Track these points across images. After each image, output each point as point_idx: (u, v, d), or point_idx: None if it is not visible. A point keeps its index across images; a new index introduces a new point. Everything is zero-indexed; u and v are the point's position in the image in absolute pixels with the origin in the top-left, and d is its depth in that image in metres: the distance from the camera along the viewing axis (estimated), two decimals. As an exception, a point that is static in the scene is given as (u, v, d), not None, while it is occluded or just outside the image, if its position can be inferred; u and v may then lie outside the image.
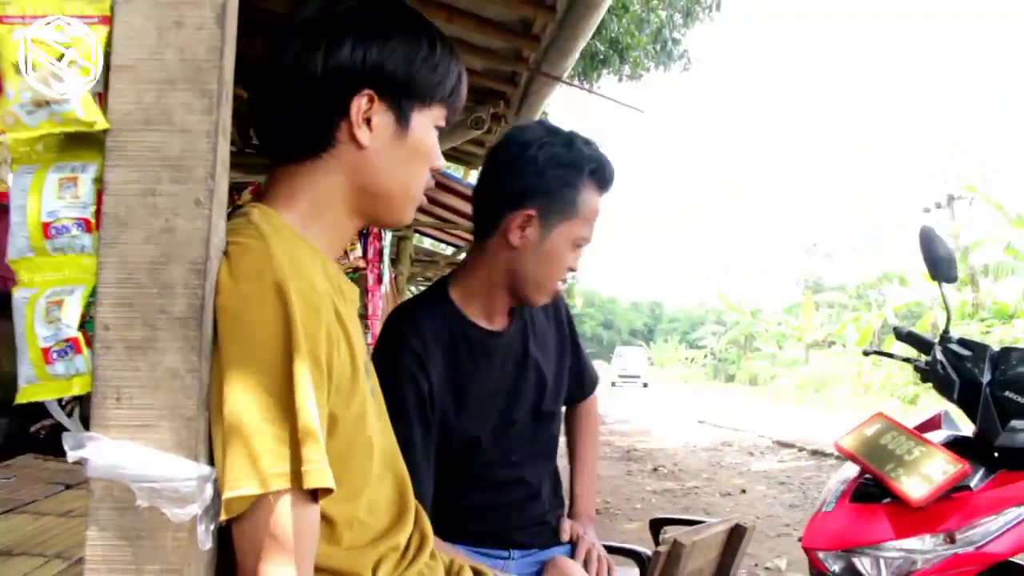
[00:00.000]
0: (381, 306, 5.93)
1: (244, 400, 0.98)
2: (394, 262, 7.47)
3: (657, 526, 2.51)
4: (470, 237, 11.16)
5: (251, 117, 1.25)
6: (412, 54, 1.21)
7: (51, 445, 4.64)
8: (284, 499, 0.98)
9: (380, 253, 5.79)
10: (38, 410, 1.01)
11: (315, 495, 1.01)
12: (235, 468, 0.96)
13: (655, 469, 9.61)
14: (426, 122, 1.26)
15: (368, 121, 1.19)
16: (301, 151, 1.20)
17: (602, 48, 11.99)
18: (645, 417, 18.29)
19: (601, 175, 1.86)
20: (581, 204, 1.82)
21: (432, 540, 1.35)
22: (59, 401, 1.03)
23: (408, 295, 9.79)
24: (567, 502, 2.16)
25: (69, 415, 1.04)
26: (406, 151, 1.23)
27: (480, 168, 1.96)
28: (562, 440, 2.21)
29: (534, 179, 1.78)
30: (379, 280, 5.84)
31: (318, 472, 0.99)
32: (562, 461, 2.10)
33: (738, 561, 2.51)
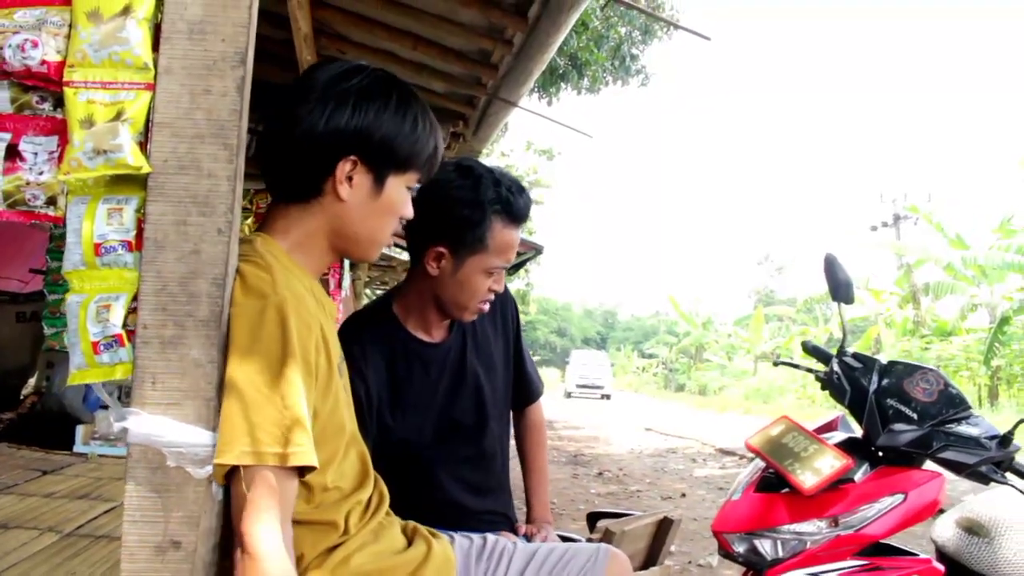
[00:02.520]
0: (342, 308, 6.21)
1: (249, 391, 1.26)
2: (353, 267, 7.70)
3: (593, 519, 2.74)
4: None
5: (260, 157, 1.51)
6: (396, 130, 1.48)
7: (16, 435, 4.82)
8: (276, 472, 1.25)
9: (341, 259, 6.04)
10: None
11: (299, 471, 1.29)
12: (234, 442, 1.24)
13: (600, 473, 9.88)
14: (399, 184, 1.53)
15: (350, 179, 1.46)
16: (295, 196, 1.49)
17: (561, 63, 12.21)
18: (594, 424, 18.57)
19: (508, 211, 2.02)
20: (489, 239, 2.00)
21: (388, 500, 1.64)
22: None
23: (365, 299, 9.99)
24: (525, 509, 2.36)
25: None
26: (378, 207, 1.51)
27: None
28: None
29: (442, 220, 1.97)
30: (339, 285, 6.10)
31: (304, 453, 1.27)
32: (515, 462, 2.35)
33: (665, 551, 2.77)
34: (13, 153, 1.31)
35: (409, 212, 1.59)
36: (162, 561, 1.24)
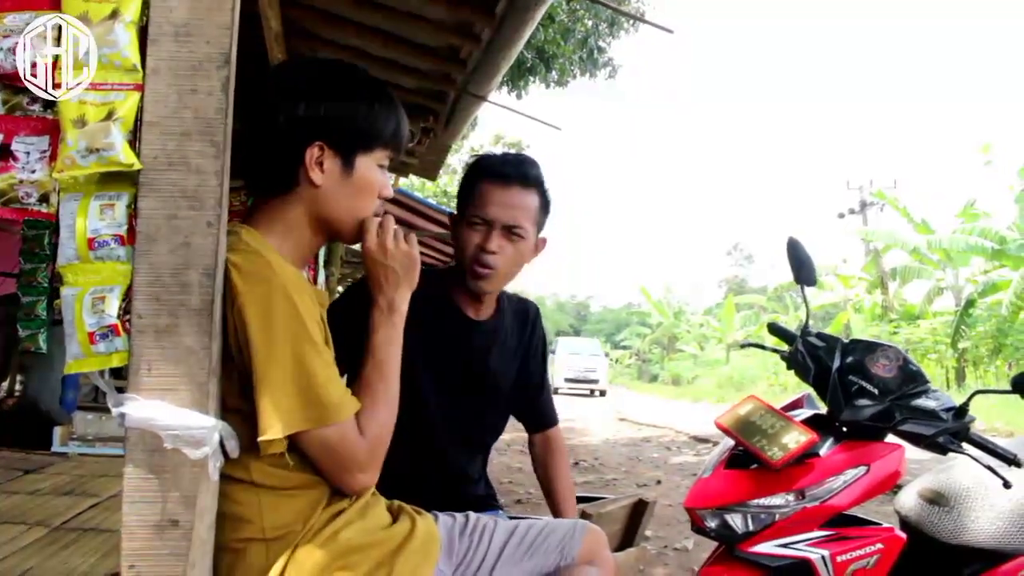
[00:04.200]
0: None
1: (280, 369, 1.37)
2: (327, 263, 7.72)
3: (571, 503, 2.82)
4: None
5: (237, 158, 1.59)
6: (353, 111, 1.57)
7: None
8: (325, 431, 1.41)
9: (316, 256, 6.08)
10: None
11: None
12: (278, 415, 1.35)
13: (576, 463, 9.89)
14: (369, 163, 1.61)
15: (320, 164, 1.55)
16: (274, 190, 1.57)
17: (529, 57, 12.22)
18: (570, 415, 18.61)
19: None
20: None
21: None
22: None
23: (338, 295, 9.98)
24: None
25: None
26: (352, 187, 1.60)
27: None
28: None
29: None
30: (314, 280, 6.15)
31: (342, 406, 1.43)
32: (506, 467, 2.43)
33: (641, 532, 2.85)
34: (6, 153, 1.36)
35: (388, 191, 1.68)
36: (161, 539, 1.31)
